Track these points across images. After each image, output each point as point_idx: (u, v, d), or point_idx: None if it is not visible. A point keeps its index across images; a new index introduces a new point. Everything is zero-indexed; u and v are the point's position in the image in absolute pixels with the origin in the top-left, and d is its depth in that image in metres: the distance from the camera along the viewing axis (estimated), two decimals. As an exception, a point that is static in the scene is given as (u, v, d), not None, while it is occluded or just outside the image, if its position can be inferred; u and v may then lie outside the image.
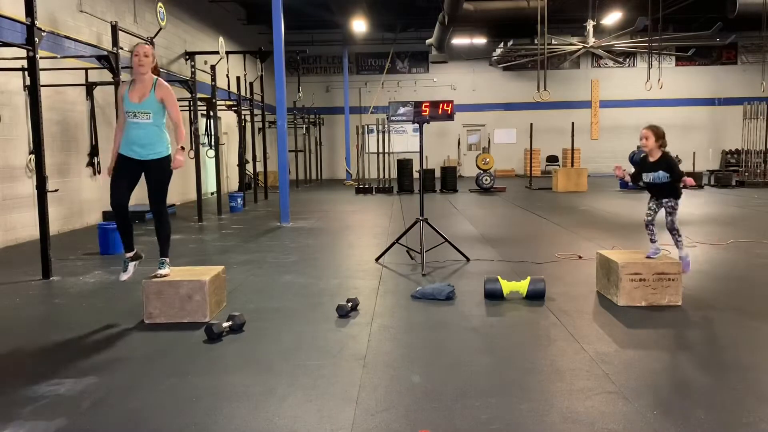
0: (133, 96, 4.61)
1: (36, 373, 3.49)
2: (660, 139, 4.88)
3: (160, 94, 4.64)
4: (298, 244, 8.14)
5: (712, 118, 25.56)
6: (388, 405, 3.00)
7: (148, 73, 4.65)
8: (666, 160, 4.88)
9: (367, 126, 21.00)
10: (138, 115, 4.59)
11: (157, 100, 4.63)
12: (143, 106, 4.60)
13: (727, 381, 3.24)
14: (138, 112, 4.59)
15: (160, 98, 4.64)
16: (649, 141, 4.88)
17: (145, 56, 4.61)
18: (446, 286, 5.12)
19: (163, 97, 4.65)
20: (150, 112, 4.61)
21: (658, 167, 4.86)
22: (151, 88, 4.64)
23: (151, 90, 4.63)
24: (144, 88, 4.64)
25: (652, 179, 4.90)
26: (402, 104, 6.53)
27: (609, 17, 19.04)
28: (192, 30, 16.17)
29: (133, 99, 4.61)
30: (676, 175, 4.86)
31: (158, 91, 4.64)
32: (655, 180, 4.89)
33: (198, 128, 11.68)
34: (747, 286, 5.48)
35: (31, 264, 6.70)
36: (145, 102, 4.60)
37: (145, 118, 4.60)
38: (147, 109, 4.60)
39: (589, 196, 15.07)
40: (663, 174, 4.85)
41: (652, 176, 4.90)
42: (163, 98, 4.65)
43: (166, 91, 4.67)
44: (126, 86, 4.68)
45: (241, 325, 4.23)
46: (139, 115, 4.59)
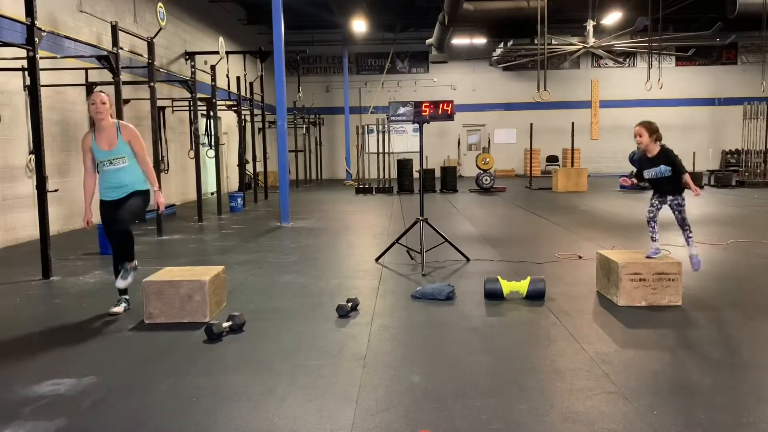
0: (102, 144, 4.72)
1: (36, 373, 3.49)
2: (654, 134, 4.86)
3: (126, 136, 4.78)
4: (298, 244, 8.14)
5: (712, 118, 25.56)
6: (388, 405, 3.00)
7: (107, 119, 4.74)
8: (665, 153, 4.87)
9: (367, 126, 21.01)
10: (114, 162, 4.73)
11: (125, 143, 4.76)
12: (116, 153, 4.73)
13: (727, 381, 3.24)
14: (113, 159, 4.72)
15: (127, 140, 4.77)
16: (644, 137, 4.86)
17: (102, 104, 4.70)
18: (446, 286, 5.12)
19: (130, 139, 4.79)
20: (124, 155, 4.75)
21: (658, 162, 4.85)
22: (116, 133, 4.74)
23: (116, 135, 4.74)
24: (109, 134, 4.74)
25: (654, 175, 4.88)
26: (402, 104, 6.53)
27: (609, 17, 19.04)
28: (192, 30, 16.17)
29: (102, 147, 4.71)
30: (678, 168, 4.83)
31: (124, 134, 4.77)
32: (657, 175, 4.87)
33: (198, 128, 11.68)
34: (747, 286, 5.48)
35: (31, 264, 6.70)
36: (116, 148, 4.73)
37: (122, 163, 4.74)
38: (120, 154, 4.73)
39: (589, 196, 15.07)
40: (665, 168, 4.83)
41: (653, 172, 4.88)
42: (130, 140, 4.79)
43: (132, 133, 4.81)
44: (90, 136, 4.77)
45: (241, 325, 4.23)
46: (115, 162, 4.73)
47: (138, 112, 11.84)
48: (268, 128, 18.36)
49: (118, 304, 4.82)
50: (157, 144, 9.29)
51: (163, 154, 11.77)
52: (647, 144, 4.87)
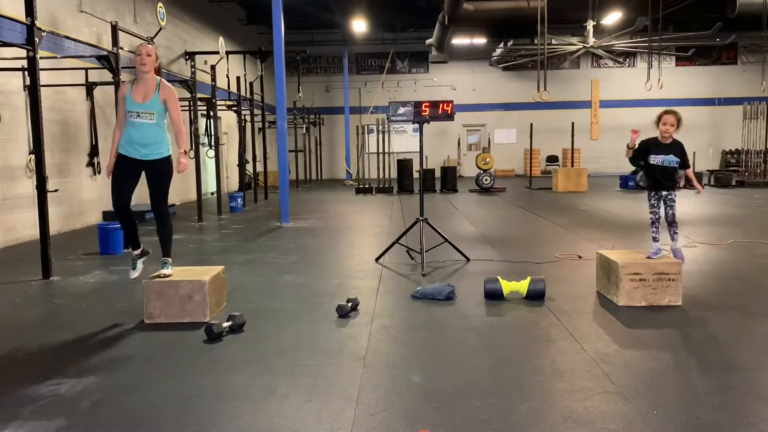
0: (137, 95, 4.60)
1: (36, 373, 3.49)
2: (680, 126, 4.90)
3: (164, 94, 4.64)
4: (298, 244, 8.14)
5: (712, 118, 25.55)
6: (388, 405, 3.00)
7: (150, 73, 4.64)
8: (680, 145, 4.89)
9: (367, 126, 21.01)
10: (142, 115, 4.58)
11: (160, 101, 4.63)
12: (147, 106, 4.59)
13: (727, 381, 3.24)
14: (142, 111, 4.58)
15: (163, 99, 4.64)
16: (674, 128, 4.87)
17: (148, 55, 4.60)
18: (446, 286, 5.12)
19: (167, 98, 4.65)
20: (154, 112, 4.61)
21: (669, 151, 4.86)
22: (155, 89, 4.63)
23: (155, 90, 4.63)
24: (147, 88, 4.63)
25: (661, 162, 4.88)
26: (402, 104, 6.53)
27: (609, 17, 19.04)
28: (192, 30, 16.17)
29: (136, 98, 4.59)
30: (686, 163, 4.88)
31: (162, 92, 4.64)
32: (664, 163, 4.87)
33: (198, 128, 11.68)
34: (747, 286, 5.49)
35: (31, 264, 6.70)
36: (149, 102, 4.60)
37: (149, 118, 4.60)
38: (151, 109, 4.60)
39: (589, 196, 15.07)
40: (674, 158, 4.85)
41: (661, 158, 4.87)
42: (166, 99, 4.65)
43: (170, 92, 4.67)
44: (128, 86, 4.67)
45: (241, 325, 4.23)
46: (142, 115, 4.58)
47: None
48: (268, 128, 18.36)
49: (134, 266, 4.86)
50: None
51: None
52: (672, 134, 4.87)
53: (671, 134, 4.89)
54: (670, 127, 4.88)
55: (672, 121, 4.87)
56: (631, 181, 17.38)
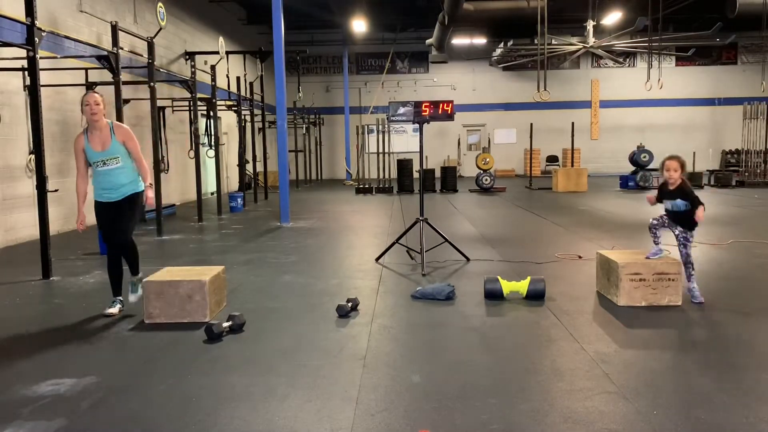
0: (95, 145, 4.70)
1: (36, 373, 3.50)
2: (684, 169, 4.81)
3: (120, 137, 4.76)
4: (298, 244, 8.14)
5: (712, 118, 25.56)
6: (388, 405, 3.00)
7: (101, 120, 4.72)
8: (681, 187, 4.80)
9: (367, 126, 21.01)
10: (108, 162, 4.70)
11: (119, 143, 4.74)
12: (110, 153, 4.70)
13: (727, 381, 3.24)
14: (106, 159, 4.70)
15: (121, 141, 4.75)
16: (677, 173, 4.78)
17: (96, 104, 4.68)
18: (446, 286, 5.12)
19: (124, 139, 4.77)
20: (118, 156, 4.73)
21: (676, 196, 4.80)
22: (110, 134, 4.73)
23: (110, 135, 4.73)
24: (103, 135, 4.72)
25: (671, 207, 4.85)
26: (402, 104, 6.53)
27: (609, 17, 19.04)
28: (192, 30, 16.17)
29: (96, 148, 4.69)
30: (692, 200, 4.76)
31: (118, 135, 4.75)
32: (674, 208, 4.83)
33: (198, 128, 11.68)
34: (747, 286, 5.49)
35: (31, 264, 6.70)
36: (110, 149, 4.70)
37: (115, 163, 4.72)
38: (114, 154, 4.71)
39: (589, 196, 15.07)
40: (681, 202, 4.78)
41: (670, 204, 4.85)
42: (124, 141, 4.76)
43: (126, 133, 4.79)
44: (83, 137, 4.75)
45: (241, 325, 4.23)
46: (108, 162, 4.70)
47: (138, 112, 11.84)
48: (268, 128, 18.36)
49: (113, 305, 4.81)
50: (157, 144, 9.29)
51: (163, 154, 11.77)
52: (676, 180, 4.79)
53: (675, 179, 4.79)
54: (673, 173, 4.78)
55: (674, 166, 4.78)
56: (631, 181, 17.39)
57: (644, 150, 17.36)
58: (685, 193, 4.78)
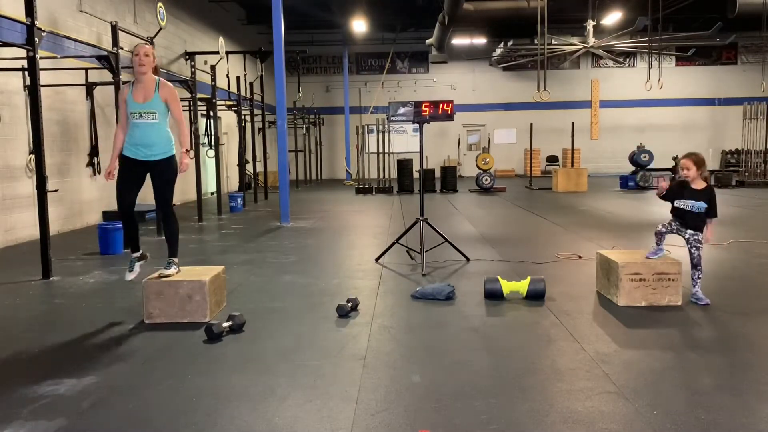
0: (137, 96, 4.61)
1: (36, 373, 3.50)
2: (701, 167, 4.74)
3: (164, 94, 4.66)
4: (298, 244, 8.14)
5: (712, 118, 25.55)
6: (388, 405, 3.00)
7: (148, 73, 4.65)
8: (710, 191, 4.76)
9: (367, 126, 21.01)
10: (144, 116, 4.60)
11: (161, 100, 4.64)
12: (148, 106, 4.60)
13: (727, 381, 3.24)
14: (144, 112, 4.59)
15: (164, 98, 4.65)
16: (691, 171, 4.72)
17: (146, 56, 4.61)
18: (446, 286, 5.12)
19: (167, 97, 4.66)
20: (156, 111, 4.62)
21: (700, 197, 4.73)
22: (154, 89, 4.64)
23: (155, 90, 4.64)
24: (147, 88, 4.63)
25: (690, 207, 4.75)
26: (402, 104, 6.53)
27: (609, 17, 19.04)
28: (192, 30, 16.17)
29: (137, 99, 4.60)
30: (714, 212, 4.75)
31: (162, 91, 4.65)
32: (692, 208, 4.75)
33: (198, 128, 11.67)
34: (747, 286, 5.49)
35: (31, 264, 6.70)
36: (150, 102, 4.61)
37: (151, 118, 4.61)
38: (152, 108, 4.61)
39: (589, 196, 15.07)
40: (702, 205, 4.72)
41: (690, 204, 4.74)
42: (167, 98, 4.66)
43: (170, 91, 4.69)
44: (128, 87, 4.68)
45: (241, 325, 4.23)
46: (144, 116, 4.60)
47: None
48: (268, 128, 18.35)
49: (131, 267, 4.82)
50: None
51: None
52: (694, 178, 4.74)
53: (693, 177, 4.74)
54: (687, 171, 4.73)
55: (688, 164, 4.73)
56: (631, 181, 17.39)
57: (644, 150, 17.36)
58: (711, 200, 4.73)
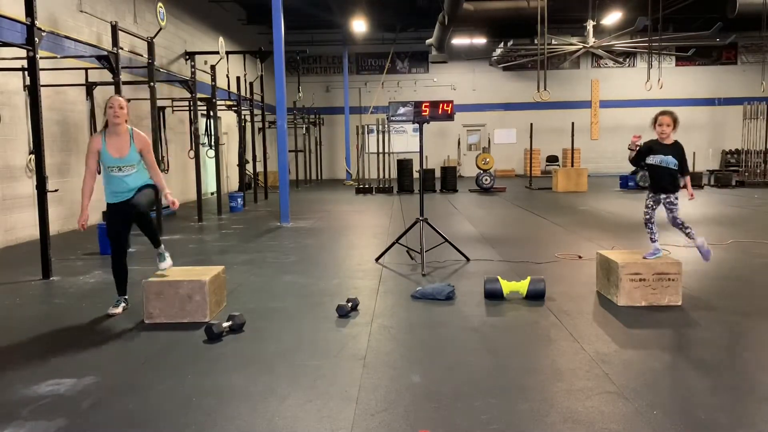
0: (112, 150, 4.68)
1: (36, 373, 3.50)
2: (676, 126, 4.86)
3: (139, 144, 4.77)
4: (298, 244, 8.14)
5: (712, 118, 25.55)
6: (388, 405, 3.00)
7: (122, 124, 4.72)
8: (679, 147, 4.84)
9: (367, 126, 21.00)
10: (123, 169, 4.71)
11: (137, 151, 4.75)
12: (126, 161, 4.71)
13: (727, 381, 3.24)
14: (123, 166, 4.71)
15: (139, 149, 4.77)
16: (670, 128, 4.82)
17: (120, 108, 4.68)
18: (446, 286, 5.12)
19: (142, 147, 4.79)
20: (133, 163, 4.74)
21: (668, 151, 4.82)
22: (129, 141, 4.73)
23: (129, 143, 4.73)
24: (121, 140, 4.71)
25: (659, 162, 4.83)
26: (402, 104, 6.53)
27: (609, 17, 19.04)
28: (192, 30, 16.17)
29: (112, 153, 4.68)
30: (684, 168, 4.83)
31: (137, 143, 4.77)
32: (662, 163, 4.82)
33: (198, 128, 11.68)
34: (747, 286, 5.49)
35: (31, 264, 6.70)
36: (128, 156, 4.71)
37: (130, 170, 4.73)
38: (130, 162, 4.72)
39: (589, 196, 15.07)
40: (672, 160, 4.81)
41: (660, 158, 4.82)
42: (141, 149, 4.78)
43: (144, 141, 4.81)
44: (100, 139, 4.71)
45: (241, 325, 4.23)
46: (124, 169, 4.71)
47: (138, 112, 11.83)
48: (268, 128, 18.36)
49: (117, 305, 4.82)
50: (157, 144, 9.29)
51: (163, 154, 11.78)
52: (669, 135, 4.83)
53: (668, 134, 4.84)
54: (666, 128, 4.83)
55: (668, 121, 4.83)
56: (631, 181, 17.39)
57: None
58: (679, 153, 4.81)
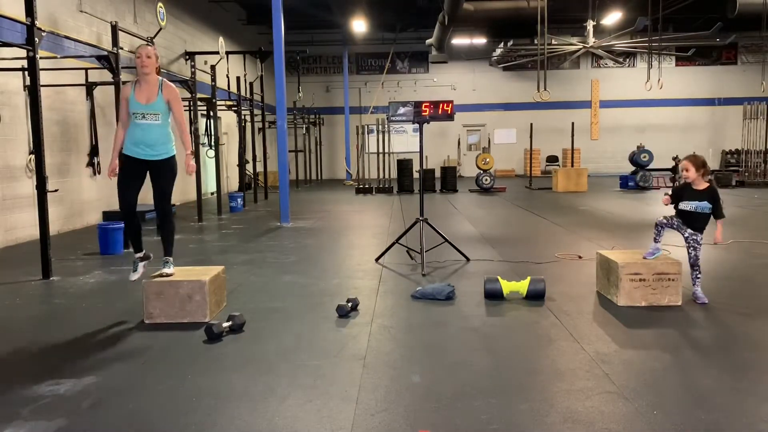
0: (140, 97, 4.64)
1: (36, 373, 3.49)
2: (701, 168, 4.75)
3: (167, 94, 4.69)
4: (298, 244, 8.14)
5: (712, 118, 25.56)
6: (388, 405, 3.00)
7: (152, 74, 4.68)
8: (713, 191, 4.76)
9: (367, 126, 21.01)
10: (147, 116, 4.63)
11: (164, 101, 4.68)
12: (152, 107, 4.63)
13: (727, 381, 3.24)
14: (147, 113, 4.63)
15: (167, 99, 4.69)
16: (690, 172, 4.74)
17: (148, 57, 4.64)
18: (446, 286, 5.12)
19: (170, 97, 4.70)
20: (159, 112, 4.66)
21: (703, 197, 4.74)
22: (158, 89, 4.67)
23: (158, 91, 4.67)
24: (150, 89, 4.66)
25: (694, 208, 4.75)
26: (402, 104, 6.53)
27: (609, 17, 19.04)
28: (192, 30, 16.17)
29: (140, 100, 4.63)
30: (721, 212, 4.76)
31: (165, 92, 4.69)
32: (697, 209, 4.75)
33: (198, 128, 11.68)
34: (747, 286, 5.49)
35: (31, 264, 6.70)
36: (154, 103, 4.64)
37: (154, 119, 4.64)
38: (156, 110, 4.64)
39: (589, 196, 15.07)
40: (707, 205, 4.73)
41: (695, 205, 4.75)
42: (169, 99, 4.70)
43: (173, 92, 4.73)
44: (130, 87, 4.70)
45: (241, 325, 4.23)
46: (147, 116, 4.63)
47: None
48: (268, 128, 18.36)
49: (135, 267, 4.83)
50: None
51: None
52: (695, 179, 4.76)
53: (693, 178, 4.76)
54: (687, 172, 4.75)
55: (686, 165, 4.75)
56: (631, 181, 17.39)
57: (644, 150, 17.36)
58: (715, 199, 4.74)
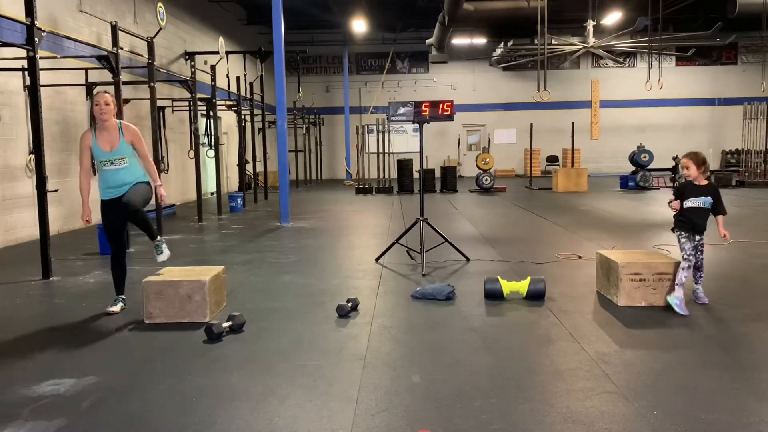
0: (103, 145, 4.71)
1: (36, 373, 3.49)
2: (702, 165, 4.77)
3: (129, 137, 4.80)
4: (298, 244, 8.14)
5: (712, 118, 25.56)
6: (388, 405, 3.00)
7: (110, 120, 4.74)
8: (714, 188, 4.81)
9: (367, 126, 21.01)
10: (114, 162, 4.73)
11: (128, 144, 4.77)
12: (117, 153, 4.73)
13: (727, 381, 3.24)
14: (113, 159, 4.73)
15: (130, 141, 4.79)
16: (691, 169, 4.76)
17: (106, 104, 4.70)
18: (446, 286, 5.12)
19: (133, 140, 4.81)
20: (125, 156, 4.76)
21: (708, 192, 4.76)
22: (119, 134, 4.76)
23: (119, 135, 4.75)
24: (111, 135, 4.74)
25: (702, 204, 4.77)
26: (402, 104, 6.53)
27: (609, 17, 19.04)
28: (192, 30, 16.17)
29: (104, 148, 4.71)
30: (721, 207, 4.78)
31: (127, 135, 4.79)
32: (704, 204, 4.76)
33: (198, 128, 11.68)
34: (747, 286, 5.49)
35: (31, 264, 6.70)
36: (118, 149, 4.73)
37: (122, 164, 4.75)
38: (121, 155, 4.74)
39: (589, 196, 15.07)
40: (710, 200, 4.76)
41: (701, 201, 4.76)
42: (132, 141, 4.81)
43: (135, 133, 4.83)
44: (90, 135, 4.76)
45: (241, 325, 4.23)
46: (115, 162, 4.73)
47: (138, 112, 11.84)
48: (268, 128, 18.36)
49: (115, 303, 4.83)
50: (157, 144, 9.27)
51: (163, 154, 11.77)
52: (695, 176, 4.78)
53: (694, 176, 4.77)
54: (687, 170, 4.77)
55: (687, 163, 4.77)
56: (631, 181, 17.39)
57: (644, 150, 17.36)
58: (715, 195, 4.77)
